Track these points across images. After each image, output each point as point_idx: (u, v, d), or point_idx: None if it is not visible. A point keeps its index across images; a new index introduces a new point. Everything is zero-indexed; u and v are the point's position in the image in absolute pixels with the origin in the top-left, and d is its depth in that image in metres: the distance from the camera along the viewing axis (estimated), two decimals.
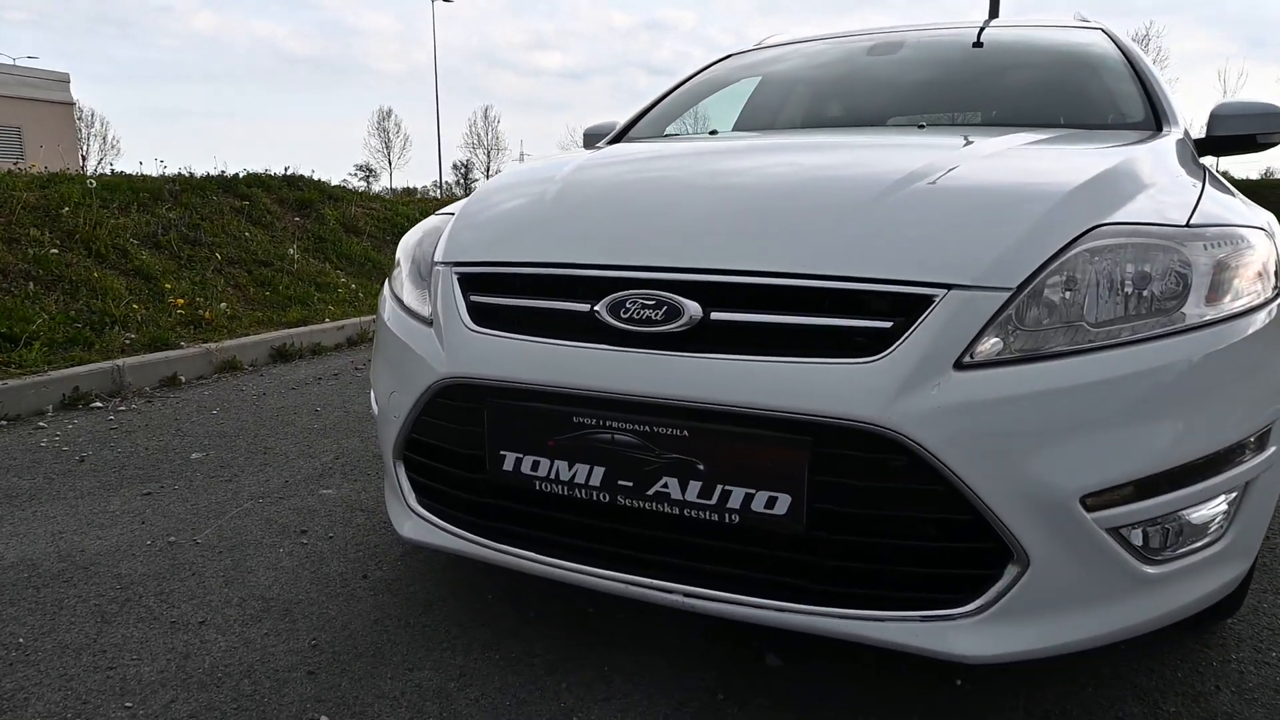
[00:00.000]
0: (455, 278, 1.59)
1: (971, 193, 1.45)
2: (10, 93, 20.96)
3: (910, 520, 1.25)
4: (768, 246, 1.36)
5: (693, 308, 1.33)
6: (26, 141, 21.10)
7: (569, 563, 1.46)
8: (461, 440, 1.53)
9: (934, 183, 1.47)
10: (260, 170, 7.68)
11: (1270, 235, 1.49)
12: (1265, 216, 1.63)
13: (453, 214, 1.89)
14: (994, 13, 14.96)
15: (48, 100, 21.91)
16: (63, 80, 22.68)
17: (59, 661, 1.65)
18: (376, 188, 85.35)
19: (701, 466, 1.30)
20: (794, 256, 1.32)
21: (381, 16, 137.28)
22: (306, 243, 6.79)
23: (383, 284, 6.70)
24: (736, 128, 2.91)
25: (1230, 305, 1.33)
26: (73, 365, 3.83)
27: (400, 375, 1.63)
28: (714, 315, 1.32)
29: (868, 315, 1.26)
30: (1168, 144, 1.92)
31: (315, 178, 7.91)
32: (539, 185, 1.83)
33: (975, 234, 1.32)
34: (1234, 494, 1.35)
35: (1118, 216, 1.37)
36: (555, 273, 1.47)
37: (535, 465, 1.43)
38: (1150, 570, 1.29)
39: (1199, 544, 1.34)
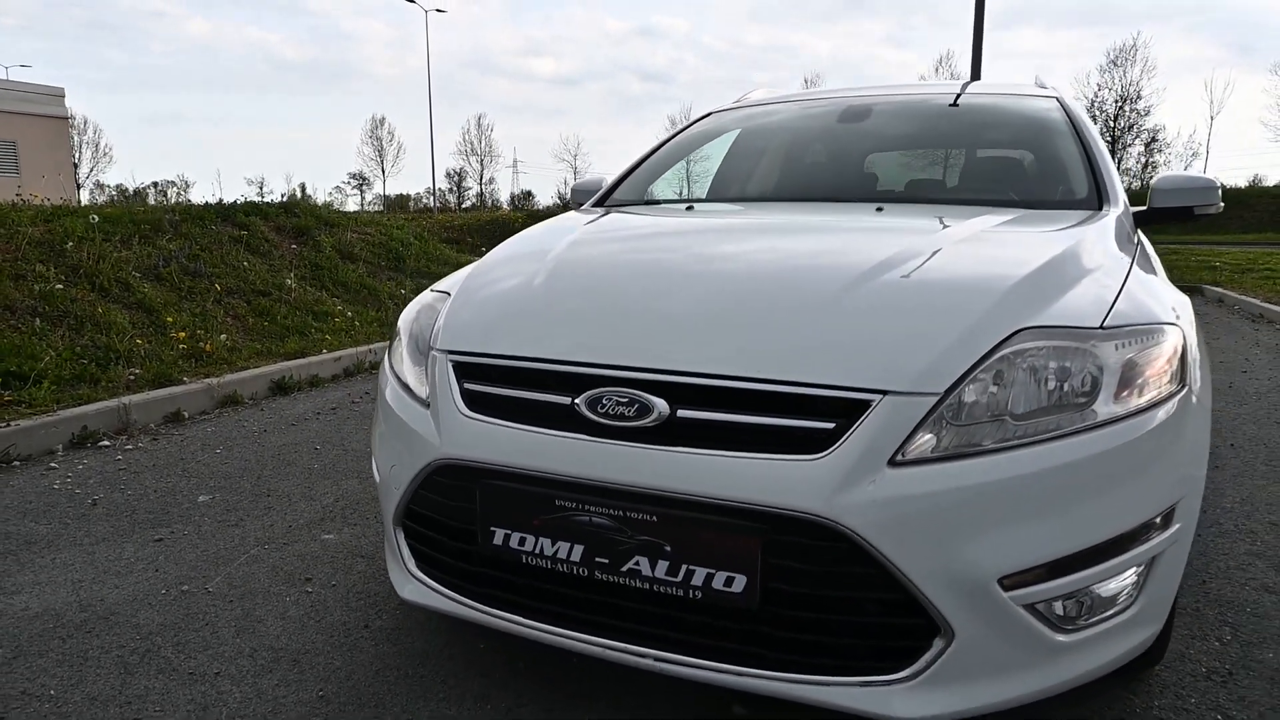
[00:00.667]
0: (450, 366, 1.76)
1: (914, 295, 1.62)
2: (5, 107, 21.07)
3: (850, 599, 1.42)
4: (730, 351, 1.53)
5: (661, 405, 1.50)
6: (22, 156, 21.21)
7: (553, 627, 1.62)
8: (455, 515, 1.70)
9: (883, 284, 1.64)
10: (255, 179, 7.84)
11: (1179, 327, 1.67)
12: (1178, 303, 1.81)
13: (447, 293, 2.06)
14: (978, 39, 15.14)
15: (43, 115, 22.02)
16: (58, 95, 22.79)
17: (88, 713, 1.81)
18: (369, 195, 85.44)
19: (668, 548, 1.47)
20: (751, 361, 1.50)
21: (374, 22, 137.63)
22: (303, 271, 6.95)
23: (381, 310, 6.79)
24: (713, 189, 3.09)
25: (1137, 402, 1.50)
26: (80, 404, 3.98)
27: (400, 451, 1.80)
28: (680, 413, 1.49)
29: (813, 417, 1.43)
30: (1106, 225, 2.10)
31: (312, 203, 8.07)
32: (529, 267, 2.00)
33: (912, 340, 1.49)
34: (1142, 567, 1.53)
35: (1040, 319, 1.55)
36: (540, 368, 1.64)
37: (522, 541, 1.60)
38: (1063, 639, 1.46)
39: (1109, 613, 1.51)
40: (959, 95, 3.00)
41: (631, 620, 1.55)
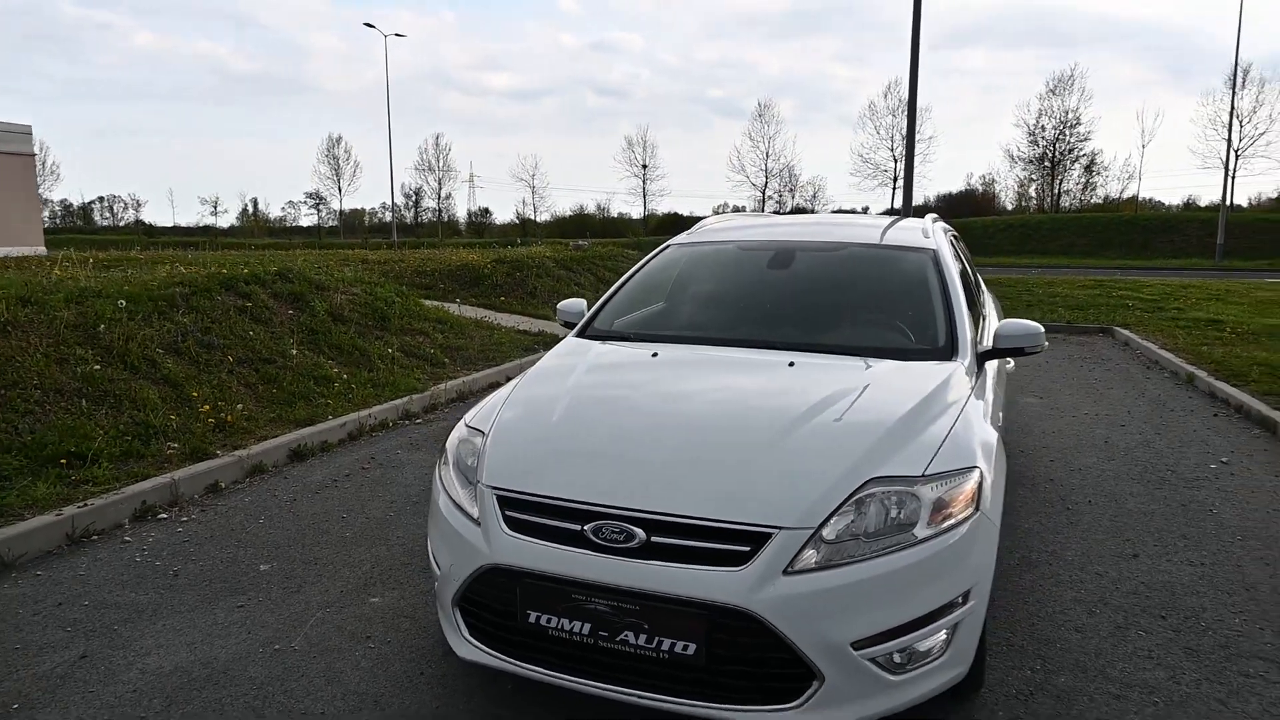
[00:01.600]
0: (495, 499, 2.57)
1: (811, 447, 2.48)
2: None
3: (761, 657, 2.26)
4: (686, 496, 2.37)
5: (640, 534, 2.33)
6: None
7: (569, 676, 2.44)
8: (500, 600, 2.51)
9: (796, 432, 2.51)
10: (209, 198, 8.49)
11: (979, 469, 2.54)
12: (985, 443, 2.68)
13: (480, 430, 2.87)
14: (915, 48, 16.00)
15: (9, 153, 22.23)
16: (24, 132, 23.03)
17: None
18: (324, 212, 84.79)
19: (646, 626, 2.30)
20: (699, 504, 2.34)
21: (328, 37, 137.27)
22: (301, 336, 7.66)
23: (372, 371, 7.46)
24: (668, 314, 3.94)
25: (944, 525, 2.37)
26: (138, 480, 4.68)
27: (457, 554, 2.60)
28: (654, 539, 2.33)
29: (737, 542, 2.28)
30: (952, 377, 3.00)
31: (306, 273, 8.76)
32: (545, 410, 2.84)
33: (798, 489, 2.35)
34: (949, 630, 2.39)
35: (884, 470, 2.41)
36: (558, 504, 2.46)
37: (549, 620, 2.41)
38: (896, 678, 2.31)
39: (927, 661, 2.37)
40: (862, 247, 3.91)
41: (622, 672, 2.38)
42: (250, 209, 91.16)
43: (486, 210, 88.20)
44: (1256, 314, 13.25)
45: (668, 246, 4.36)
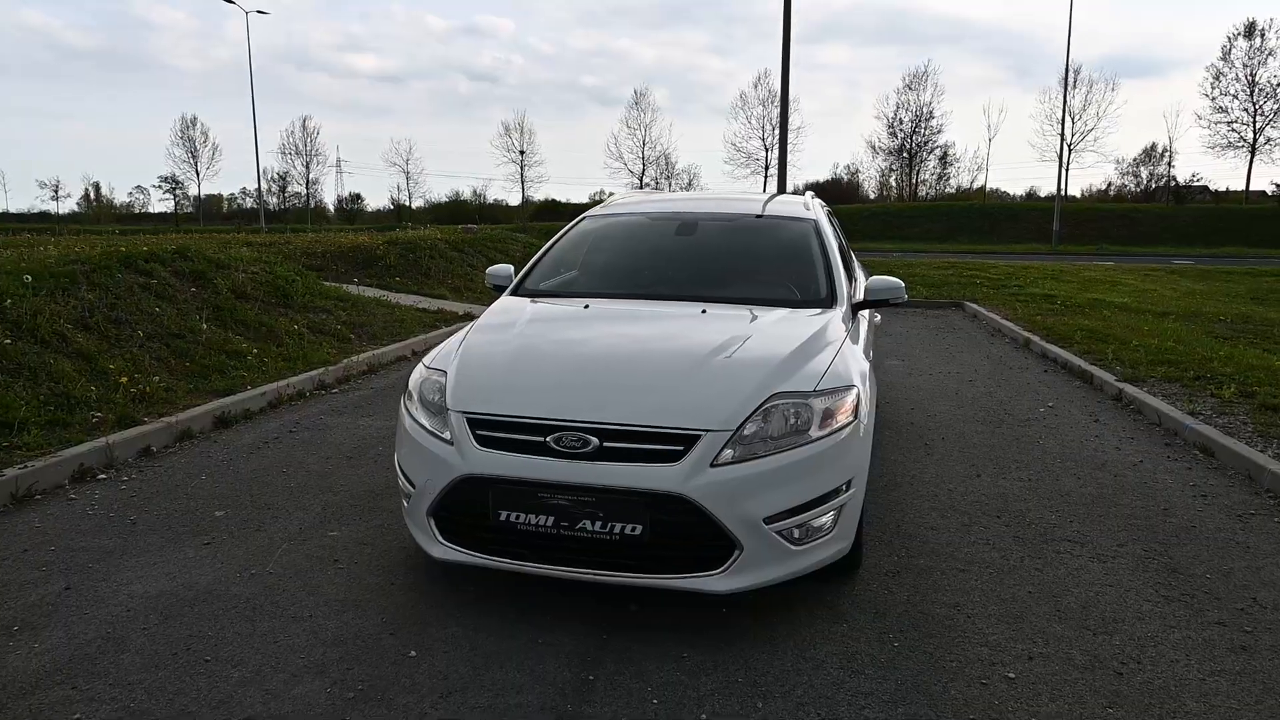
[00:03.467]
0: (465, 420, 3.05)
1: (726, 371, 3.08)
2: None
3: (694, 533, 2.84)
4: (631, 409, 2.92)
5: (595, 441, 2.87)
6: None
7: (536, 563, 2.95)
8: (473, 505, 2.99)
9: (711, 364, 3.10)
10: (48, 181, 8.42)
11: (857, 387, 3.21)
12: (861, 371, 3.36)
13: (443, 370, 3.33)
14: (786, 44, 17.02)
15: None
16: None
17: (245, 643, 2.95)
18: (180, 198, 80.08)
19: (601, 514, 2.84)
20: (642, 415, 2.90)
21: (174, 12, 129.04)
22: (207, 313, 7.73)
23: (281, 345, 7.62)
24: (591, 275, 4.48)
25: (831, 428, 3.02)
26: (73, 445, 4.83)
27: (433, 470, 3.06)
28: (605, 444, 2.87)
29: (673, 444, 2.85)
30: (832, 319, 3.67)
31: (206, 252, 8.75)
32: (499, 350, 3.34)
33: (720, 400, 2.94)
34: (836, 511, 3.04)
35: (785, 387, 3.04)
36: (524, 420, 2.97)
37: (518, 517, 2.92)
38: (796, 548, 2.95)
39: (821, 536, 3.02)
40: (754, 219, 4.57)
41: (581, 554, 2.91)
42: (93, 193, 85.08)
43: (358, 196, 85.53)
44: (1083, 290, 15.00)
45: (584, 218, 4.89)
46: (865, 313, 4.36)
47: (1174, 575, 3.58)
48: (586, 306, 3.85)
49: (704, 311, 3.71)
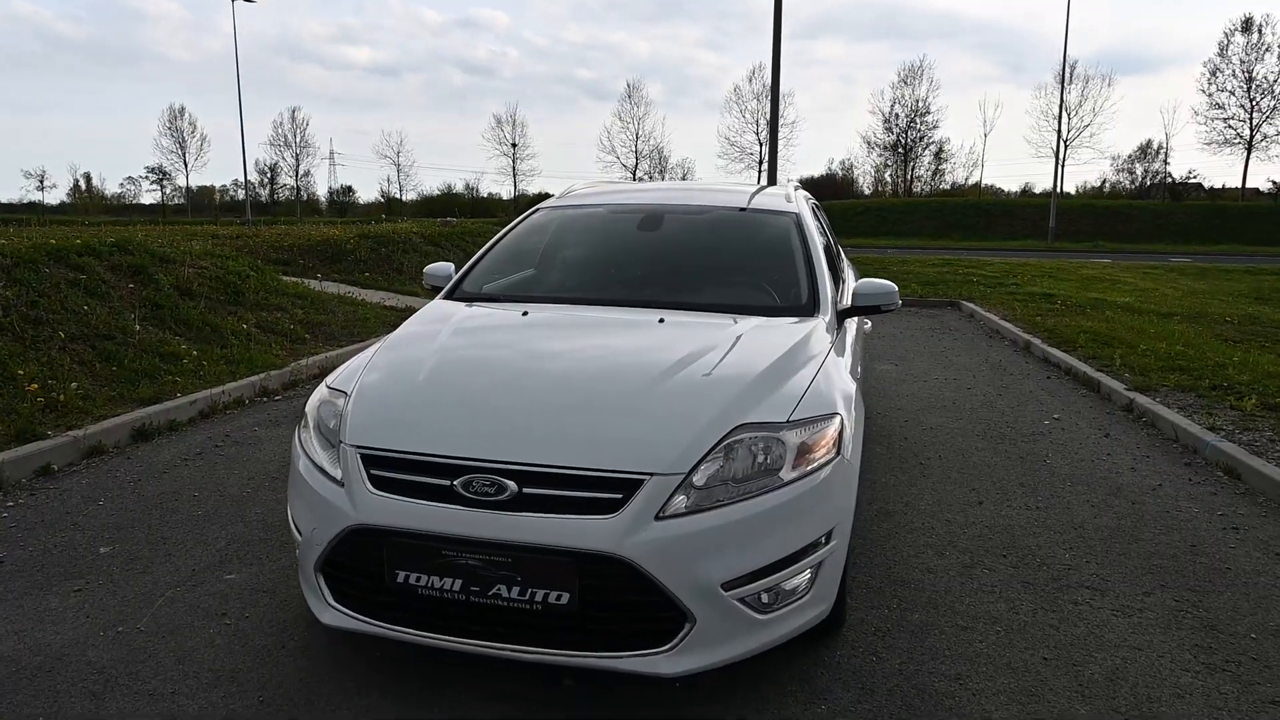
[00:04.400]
0: (359, 457, 2.48)
1: (681, 396, 2.52)
2: None
3: (634, 602, 2.28)
4: (557, 447, 2.35)
5: (512, 485, 2.30)
6: None
7: (442, 636, 2.39)
8: (366, 562, 2.42)
9: (668, 382, 2.54)
10: (34, 172, 7.83)
11: (840, 415, 2.65)
12: (845, 393, 2.80)
13: (343, 391, 2.76)
14: (777, 39, 16.50)
15: None
16: None
17: None
18: (169, 189, 79.28)
19: (519, 578, 2.28)
20: (570, 454, 2.33)
21: (167, 2, 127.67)
22: (144, 311, 7.13)
23: (226, 347, 7.07)
24: (539, 273, 3.92)
25: (806, 468, 2.46)
26: None
27: (319, 517, 2.49)
28: (526, 490, 2.30)
29: (610, 490, 2.28)
30: (814, 331, 3.10)
31: (149, 245, 8.15)
32: (410, 370, 2.75)
33: (669, 435, 2.38)
34: (812, 570, 2.49)
35: (751, 417, 2.47)
36: (426, 460, 2.40)
37: (418, 579, 2.35)
38: (763, 617, 2.39)
39: (793, 600, 2.46)
40: (728, 211, 4.00)
41: (496, 627, 2.35)
42: (83, 184, 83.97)
43: (349, 189, 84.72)
44: (1083, 289, 14.48)
45: (538, 209, 4.31)
46: (853, 320, 3.80)
47: (1213, 635, 3.04)
48: (525, 314, 3.28)
49: (661, 321, 3.14)
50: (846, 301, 3.69)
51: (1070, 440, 5.53)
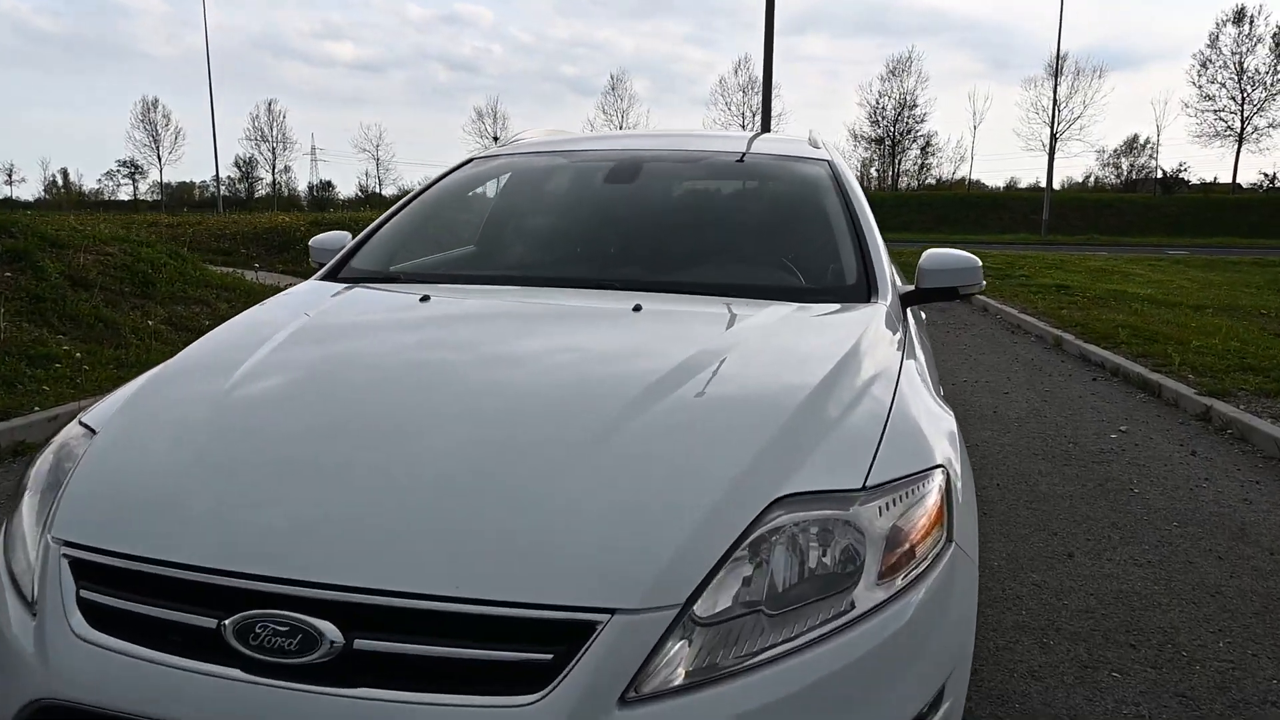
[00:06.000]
0: (66, 562, 1.32)
1: (665, 448, 1.38)
2: None
3: None
4: (422, 557, 1.21)
5: (332, 633, 1.15)
6: None
7: None
8: None
9: (641, 420, 1.40)
10: (3, 165, 6.61)
11: (944, 468, 1.52)
12: (943, 425, 1.68)
13: (95, 431, 1.61)
14: (769, 39, 15.59)
15: None
16: None
17: None
18: (146, 184, 77.65)
19: None
20: (450, 570, 1.18)
21: None
22: (20, 304, 5.92)
23: (122, 348, 5.87)
24: (456, 246, 2.78)
25: (901, 580, 1.33)
26: None
27: None
28: (358, 644, 1.16)
29: (529, 645, 1.14)
30: (875, 328, 1.97)
31: (37, 227, 6.93)
32: (194, 409, 1.59)
33: (647, 530, 1.24)
34: None
35: (800, 483, 1.34)
36: (176, 576, 1.25)
37: None
38: None
39: None
40: (730, 156, 2.84)
41: None
42: (59, 180, 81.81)
43: (329, 183, 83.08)
44: (1096, 280, 13.47)
45: (468, 161, 3.14)
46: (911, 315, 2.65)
47: None
48: (424, 300, 2.11)
49: (637, 309, 1.99)
50: (905, 284, 2.56)
51: (1151, 460, 4.43)
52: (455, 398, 1.58)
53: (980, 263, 2.47)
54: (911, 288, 2.47)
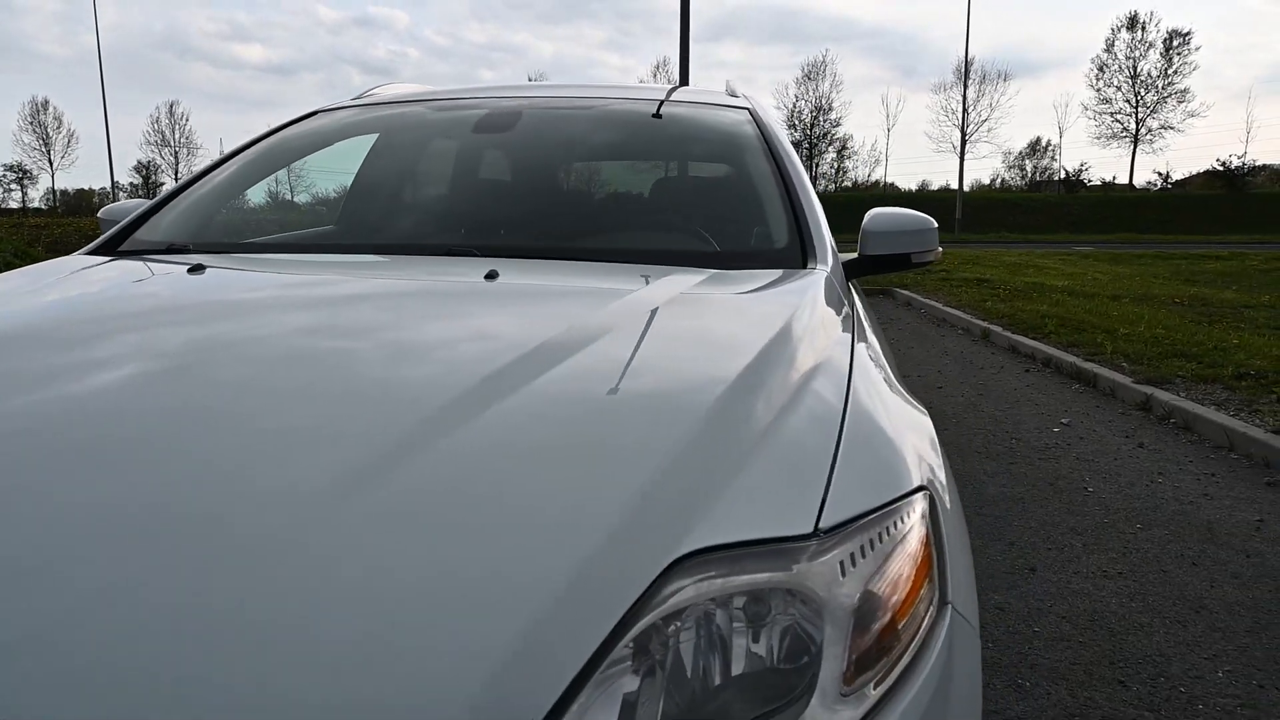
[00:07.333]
0: None
1: (489, 500, 0.84)
2: None
3: None
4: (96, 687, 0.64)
5: None
6: None
7: None
8: None
9: (394, 487, 0.85)
10: None
11: (927, 490, 1.03)
12: (915, 424, 1.19)
13: None
14: (685, 37, 15.34)
15: None
16: None
17: None
18: (36, 193, 73.35)
19: None
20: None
21: None
22: None
23: None
24: (281, 208, 2.19)
25: (878, 687, 0.82)
26: None
27: None
28: None
29: None
30: (814, 300, 1.47)
31: None
32: None
33: (478, 617, 0.70)
34: None
35: (707, 534, 0.82)
36: None
37: None
38: None
39: None
40: (631, 102, 2.32)
41: None
42: None
43: None
44: (1014, 274, 13.51)
45: (314, 113, 2.53)
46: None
47: None
48: (196, 270, 1.52)
49: (491, 277, 1.44)
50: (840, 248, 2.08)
51: (1099, 455, 4.10)
52: (121, 419, 0.99)
53: (936, 224, 2.01)
54: (854, 255, 1.99)
